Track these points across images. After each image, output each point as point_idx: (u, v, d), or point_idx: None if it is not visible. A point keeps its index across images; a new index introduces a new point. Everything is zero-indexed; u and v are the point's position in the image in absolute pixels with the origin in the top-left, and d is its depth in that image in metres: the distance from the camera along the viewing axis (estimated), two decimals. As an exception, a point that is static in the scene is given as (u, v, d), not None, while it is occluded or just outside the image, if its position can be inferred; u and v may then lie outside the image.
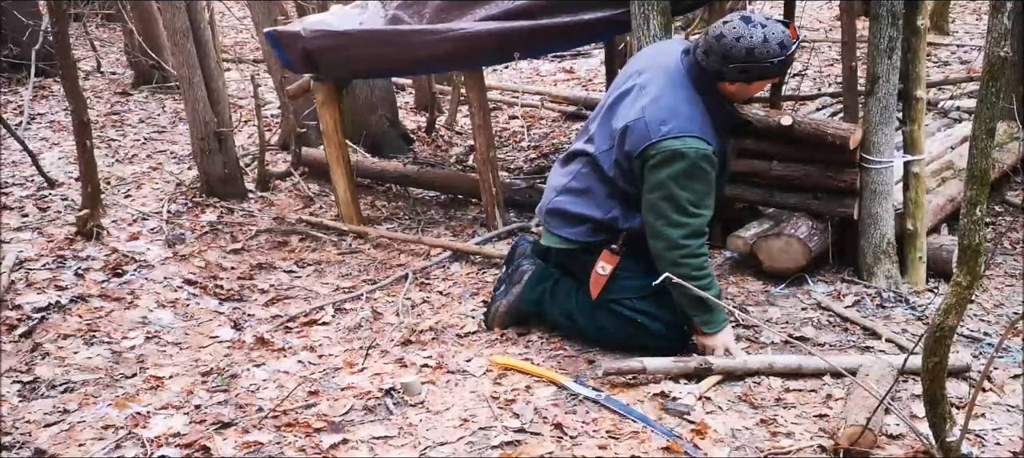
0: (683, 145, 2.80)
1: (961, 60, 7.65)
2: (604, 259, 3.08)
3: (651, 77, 2.96)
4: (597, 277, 3.09)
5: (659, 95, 2.89)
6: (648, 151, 2.83)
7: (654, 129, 2.83)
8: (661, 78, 2.94)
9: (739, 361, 2.92)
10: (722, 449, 2.50)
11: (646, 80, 2.96)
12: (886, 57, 3.39)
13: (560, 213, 3.16)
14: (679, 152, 2.79)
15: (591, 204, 3.08)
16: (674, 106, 2.86)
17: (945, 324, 2.14)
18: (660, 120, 2.83)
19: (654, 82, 2.94)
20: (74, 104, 4.37)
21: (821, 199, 3.64)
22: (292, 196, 5.35)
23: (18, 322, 3.56)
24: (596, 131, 3.08)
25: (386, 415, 2.77)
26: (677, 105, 2.86)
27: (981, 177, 2.09)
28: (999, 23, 2.05)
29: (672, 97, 2.88)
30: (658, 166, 2.83)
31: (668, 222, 2.87)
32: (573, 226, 3.13)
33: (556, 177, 3.23)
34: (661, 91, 2.90)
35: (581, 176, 3.10)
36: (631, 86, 3.00)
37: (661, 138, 2.81)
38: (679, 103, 2.87)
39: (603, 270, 3.08)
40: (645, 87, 2.94)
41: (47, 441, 2.72)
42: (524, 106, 7.20)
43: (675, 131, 2.81)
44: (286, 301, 3.88)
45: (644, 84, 2.96)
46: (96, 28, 10.85)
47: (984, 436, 2.55)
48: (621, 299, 3.06)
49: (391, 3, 4.45)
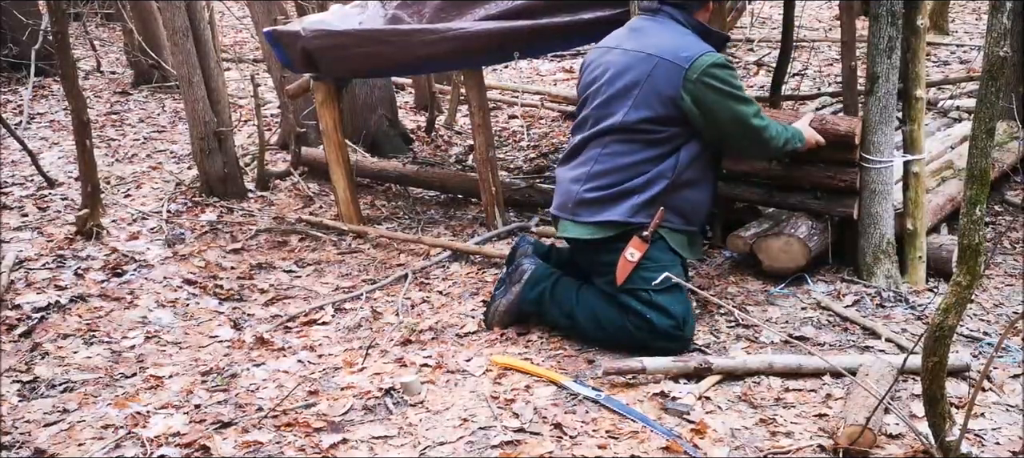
0: (713, 57, 3.05)
1: (961, 59, 7.65)
2: (634, 245, 3.08)
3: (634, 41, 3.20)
4: (625, 263, 3.08)
5: (655, 40, 3.14)
6: (689, 78, 3.02)
7: (679, 60, 3.04)
8: (641, 35, 3.20)
9: (739, 361, 2.92)
10: (722, 449, 2.50)
11: (631, 44, 3.19)
12: (886, 56, 3.39)
13: (590, 202, 3.13)
14: (714, 63, 3.04)
15: (627, 176, 3.09)
16: (674, 39, 3.12)
17: (945, 324, 2.14)
18: (676, 52, 3.06)
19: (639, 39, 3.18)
20: (74, 104, 4.37)
21: (821, 199, 3.64)
22: (292, 196, 5.35)
23: (18, 322, 3.56)
24: (599, 111, 3.18)
25: (386, 415, 2.77)
26: (676, 38, 3.13)
27: (981, 176, 2.09)
28: (998, 22, 2.05)
29: (665, 35, 3.15)
30: (708, 87, 3.03)
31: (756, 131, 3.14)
32: (614, 206, 3.10)
33: (571, 171, 3.23)
34: (652, 38, 3.15)
35: (605, 158, 3.13)
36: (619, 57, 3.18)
37: (690, 62, 3.03)
38: (676, 37, 3.14)
39: (632, 256, 3.08)
40: (636, 46, 3.16)
41: (47, 441, 2.72)
42: (524, 106, 7.20)
43: (695, 51, 3.05)
44: (286, 301, 3.88)
45: (631, 47, 3.18)
46: (96, 27, 10.86)
47: (983, 436, 2.55)
48: (638, 290, 3.06)
49: (391, 3, 4.45)
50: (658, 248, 3.10)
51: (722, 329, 3.29)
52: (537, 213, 4.75)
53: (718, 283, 3.68)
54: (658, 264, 3.06)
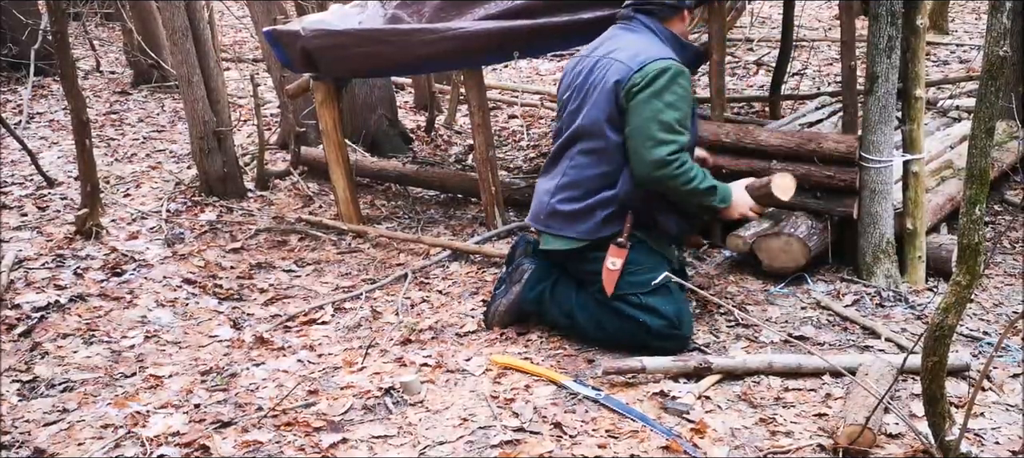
0: (661, 64, 2.98)
1: (960, 59, 7.66)
2: (613, 254, 3.08)
3: (607, 46, 3.18)
4: (608, 273, 3.08)
5: (622, 46, 3.11)
6: (632, 79, 2.98)
7: (633, 64, 3.01)
8: (616, 40, 3.17)
9: (739, 361, 2.92)
10: (721, 448, 2.50)
11: (604, 49, 3.18)
12: (885, 56, 3.39)
13: (561, 214, 3.16)
14: (659, 69, 2.96)
15: (590, 190, 3.10)
16: (636, 45, 3.08)
17: (944, 323, 2.15)
18: (632, 56, 3.03)
19: (612, 45, 3.16)
20: (73, 103, 4.37)
21: (820, 198, 3.64)
22: (291, 195, 5.35)
23: (17, 321, 3.56)
24: (572, 118, 3.19)
25: (385, 414, 2.77)
26: (638, 44, 3.09)
27: (980, 176, 2.09)
28: (998, 22, 2.05)
29: (630, 41, 3.12)
30: (642, 89, 2.97)
31: (654, 142, 2.95)
32: (579, 222, 3.12)
33: (545, 182, 3.27)
34: (619, 43, 3.13)
35: (572, 169, 3.14)
36: (592, 63, 3.17)
37: (640, 66, 2.99)
38: (639, 43, 3.10)
39: (614, 265, 3.08)
40: (608, 52, 3.14)
41: (46, 440, 2.72)
42: (523, 105, 7.20)
43: (650, 57, 3.00)
44: (285, 300, 3.88)
45: (604, 52, 3.16)
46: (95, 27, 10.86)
47: (983, 435, 2.55)
48: (627, 295, 3.06)
49: (390, 2, 4.45)
50: (639, 251, 3.11)
51: (722, 329, 3.29)
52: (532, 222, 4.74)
53: (718, 283, 3.69)
54: (643, 266, 3.07)
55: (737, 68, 7.93)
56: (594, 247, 3.11)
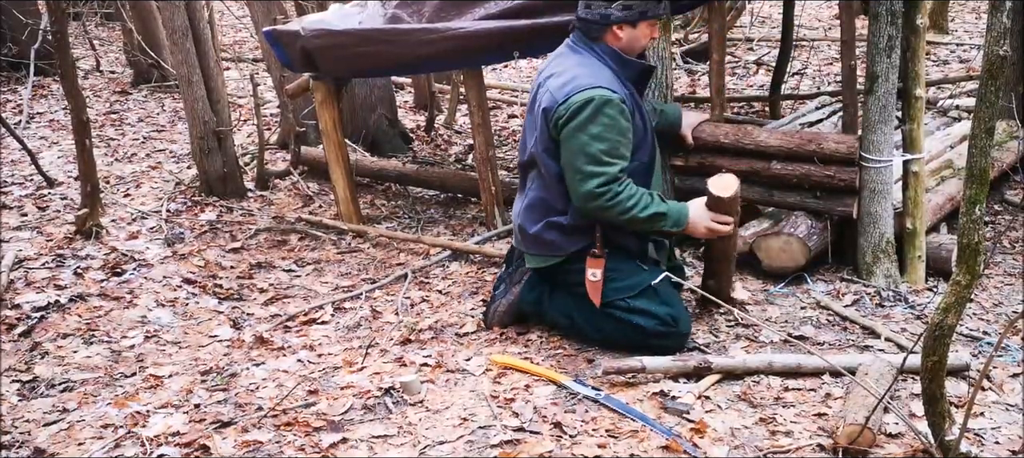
0: (584, 96, 2.91)
1: (960, 59, 7.66)
2: (591, 265, 3.08)
3: (550, 66, 3.14)
4: (591, 285, 3.09)
5: (559, 69, 3.06)
6: (557, 111, 2.94)
7: (559, 95, 2.96)
8: (558, 60, 3.13)
9: (739, 360, 2.92)
10: (721, 448, 2.51)
11: (547, 70, 3.14)
12: (885, 56, 3.39)
13: (529, 237, 3.19)
14: (582, 103, 2.90)
15: (545, 211, 3.11)
16: (571, 71, 3.00)
17: (944, 323, 2.15)
18: (561, 85, 2.98)
19: (553, 65, 3.12)
20: (73, 103, 4.37)
21: (820, 198, 3.64)
22: (291, 195, 5.35)
23: (17, 321, 3.56)
24: (526, 137, 3.18)
25: (385, 414, 2.77)
26: (574, 70, 3.01)
27: (980, 176, 2.09)
28: (998, 22, 2.05)
29: (568, 65, 3.04)
30: (567, 122, 2.93)
31: (583, 175, 2.92)
32: (545, 242, 3.15)
33: (517, 203, 3.30)
34: (559, 67, 3.07)
35: (531, 189, 3.17)
36: (537, 87, 3.14)
37: (566, 97, 2.94)
38: (575, 67, 3.02)
39: (594, 277, 3.08)
40: (546, 72, 3.12)
41: (46, 440, 2.72)
42: (523, 105, 7.18)
43: (576, 87, 2.94)
44: (285, 300, 3.88)
45: (546, 72, 3.12)
46: (95, 27, 10.86)
47: (983, 435, 2.55)
48: (614, 302, 3.06)
49: (390, 2, 4.45)
50: (617, 257, 3.11)
51: (722, 328, 3.29)
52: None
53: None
54: (624, 271, 3.08)
55: (737, 68, 7.93)
56: (570, 260, 3.13)
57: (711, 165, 3.87)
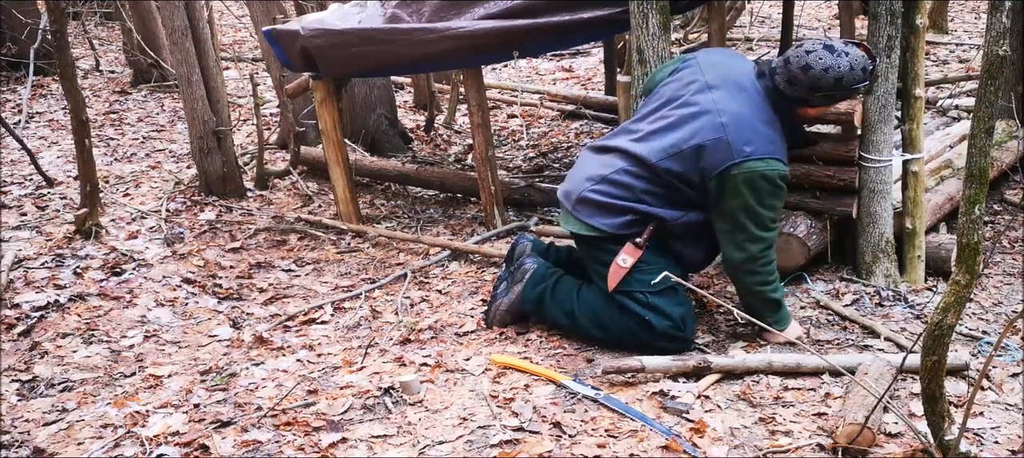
0: (767, 167, 2.91)
1: (960, 58, 7.66)
2: (627, 251, 3.07)
3: (726, 94, 3.01)
4: (617, 268, 3.07)
5: (740, 114, 2.96)
6: (731, 171, 2.90)
7: (738, 150, 2.90)
8: (739, 96, 3.01)
9: (738, 360, 2.92)
10: (721, 448, 2.51)
11: (720, 97, 3.00)
12: (885, 55, 3.39)
13: (594, 203, 3.11)
14: (764, 174, 2.90)
15: (631, 199, 3.06)
16: (755, 127, 2.95)
17: (944, 322, 2.15)
18: (743, 140, 2.91)
19: (732, 100, 2.99)
20: (72, 103, 4.37)
21: (820, 198, 3.64)
22: (291, 195, 5.35)
23: (17, 321, 3.56)
24: (650, 134, 3.07)
25: (385, 414, 2.77)
26: (758, 126, 2.95)
27: (980, 176, 2.09)
28: (998, 21, 2.05)
29: (752, 118, 2.97)
30: (743, 185, 2.91)
31: (750, 237, 2.98)
32: (609, 216, 3.09)
33: (590, 166, 3.19)
34: (741, 110, 2.97)
35: (623, 172, 3.08)
36: (705, 100, 3.01)
37: (746, 158, 2.89)
38: (759, 124, 2.96)
39: (624, 262, 3.07)
40: (720, 104, 2.98)
41: (46, 440, 2.72)
42: (523, 105, 7.19)
43: (759, 153, 2.91)
44: (285, 300, 3.88)
45: (718, 101, 2.99)
46: (95, 27, 10.86)
47: (983, 434, 2.55)
48: (634, 292, 3.05)
49: (390, 2, 4.45)
50: (653, 251, 3.10)
51: (721, 328, 3.29)
52: (536, 212, 4.75)
53: (718, 282, 3.69)
54: (654, 266, 3.05)
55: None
56: (613, 240, 3.11)
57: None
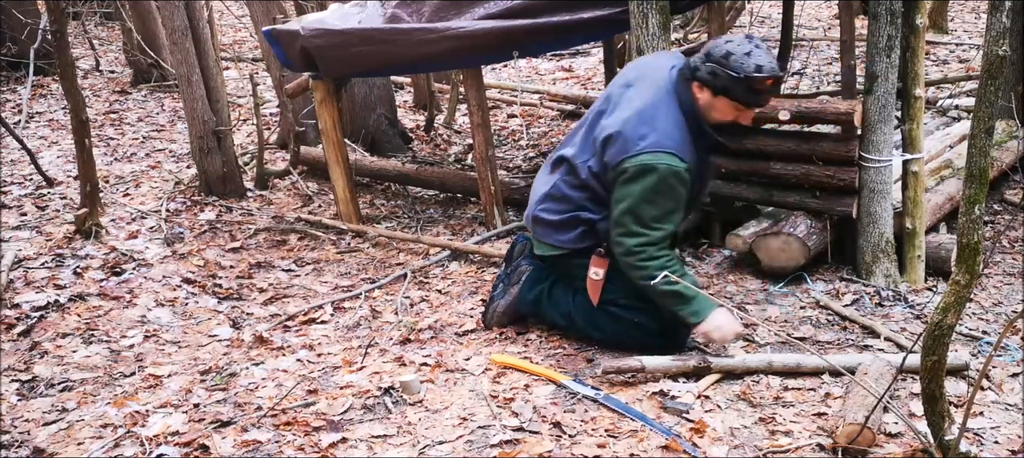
0: (655, 160, 2.82)
1: (959, 58, 7.66)
2: (595, 264, 3.08)
3: (639, 90, 2.99)
4: (593, 282, 3.09)
5: (643, 106, 2.92)
6: (623, 163, 2.86)
7: (633, 143, 2.85)
8: (648, 91, 2.97)
9: (738, 360, 2.92)
10: (721, 448, 2.50)
11: (634, 93, 3.00)
12: (884, 55, 3.39)
13: (545, 222, 3.17)
14: (651, 167, 2.82)
15: (573, 210, 3.09)
16: (654, 119, 2.88)
17: (943, 322, 2.15)
18: (639, 134, 2.86)
19: (640, 95, 2.97)
20: (72, 102, 4.37)
21: (820, 198, 3.64)
22: (291, 195, 5.35)
23: (17, 321, 3.56)
24: (580, 139, 3.12)
25: (385, 414, 2.77)
26: (657, 118, 2.88)
27: (979, 176, 2.09)
28: (998, 21, 2.05)
29: (653, 110, 2.90)
30: (630, 179, 2.85)
31: (626, 232, 2.90)
32: (560, 233, 3.13)
33: (539, 184, 3.25)
34: (644, 102, 2.93)
35: (561, 183, 3.12)
36: (618, 98, 3.03)
37: (638, 152, 2.83)
38: (660, 116, 2.88)
39: (596, 275, 3.08)
40: (632, 99, 2.97)
41: (46, 440, 2.72)
42: (523, 105, 7.20)
43: (651, 145, 2.83)
44: (285, 300, 3.87)
45: (631, 96, 2.99)
46: (95, 26, 10.86)
47: (982, 434, 2.55)
48: (617, 300, 3.07)
49: (390, 2, 4.45)
50: None
51: (721, 328, 3.29)
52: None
53: (717, 282, 3.69)
54: None
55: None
56: (576, 255, 3.12)
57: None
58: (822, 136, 3.71)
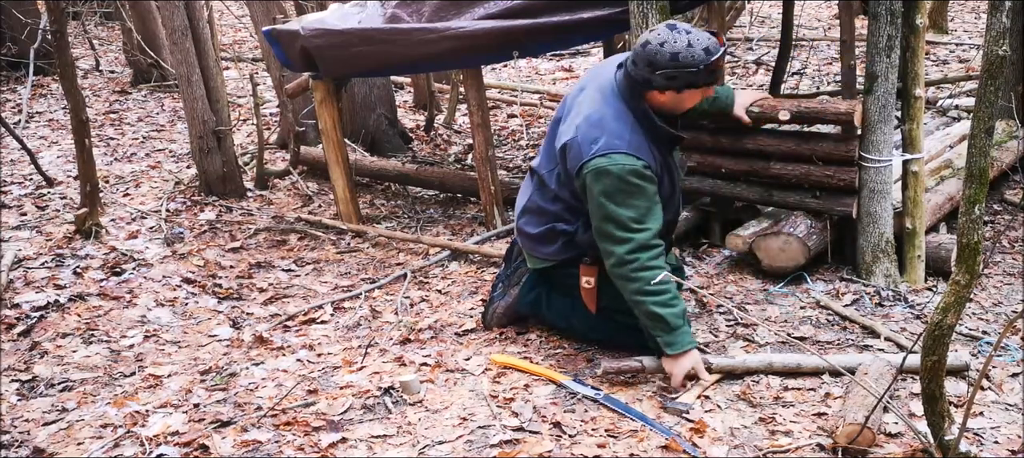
0: (609, 162, 2.78)
1: (959, 58, 7.66)
2: (585, 273, 3.07)
3: (588, 95, 2.98)
4: (586, 292, 3.08)
5: (591, 112, 2.89)
6: (582, 170, 2.84)
7: (586, 148, 2.83)
8: (596, 96, 2.95)
9: (739, 360, 2.91)
10: (721, 448, 2.50)
11: (584, 98, 2.98)
12: (885, 55, 3.39)
13: (527, 235, 3.17)
14: (605, 170, 2.79)
15: (551, 221, 3.09)
16: (602, 122, 2.85)
17: (943, 322, 2.15)
18: (591, 138, 2.83)
19: (589, 100, 2.95)
20: (72, 102, 4.37)
21: (820, 198, 3.64)
22: (291, 195, 5.35)
23: (17, 321, 3.56)
24: (543, 150, 3.14)
25: (385, 414, 2.77)
26: (606, 121, 2.86)
27: (979, 175, 2.09)
28: (998, 21, 2.05)
29: (601, 113, 2.88)
30: (591, 185, 2.83)
31: (612, 240, 2.84)
32: (543, 246, 3.14)
33: (520, 196, 3.26)
34: (593, 108, 2.90)
35: (535, 196, 3.14)
36: (572, 104, 3.03)
37: (591, 157, 2.81)
38: (608, 119, 2.86)
39: (588, 283, 3.07)
40: (582, 105, 2.96)
41: (46, 439, 2.72)
42: (523, 105, 7.20)
43: (603, 148, 2.80)
44: (285, 300, 3.87)
45: (581, 102, 2.97)
46: (94, 26, 10.86)
47: (982, 434, 2.55)
48: (614, 306, 3.05)
49: (390, 2, 4.45)
50: None
51: (721, 328, 3.29)
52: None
53: (717, 282, 3.69)
54: None
55: (737, 67, 7.93)
56: (564, 265, 3.12)
57: (710, 164, 3.88)
58: (822, 136, 3.70)
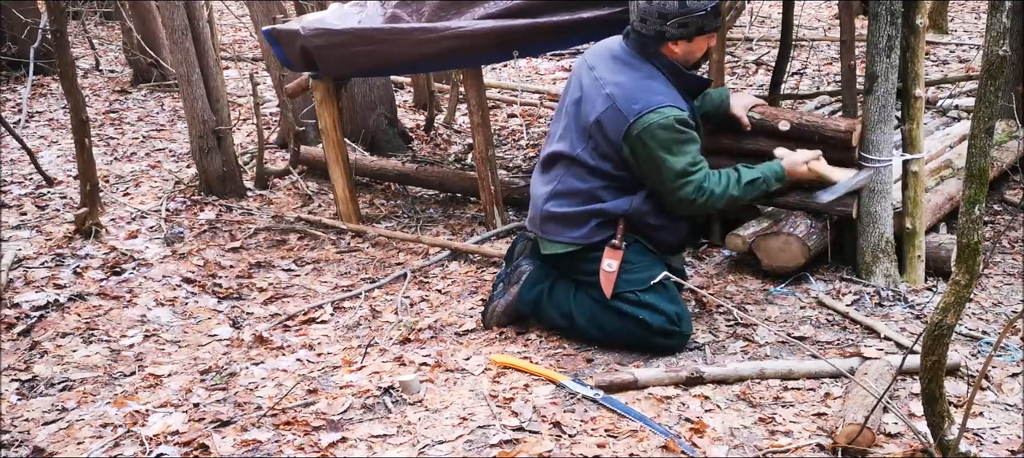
0: (660, 117, 2.94)
1: (960, 58, 7.66)
2: (609, 255, 3.09)
3: (605, 68, 3.09)
4: (606, 275, 3.09)
5: (620, 79, 3.03)
6: (631, 132, 2.95)
7: (629, 112, 2.95)
8: (614, 65, 3.09)
9: (731, 368, 2.91)
10: (720, 448, 2.51)
11: (600, 72, 3.09)
12: (884, 55, 3.39)
13: (557, 217, 3.16)
14: (657, 124, 2.94)
15: (587, 201, 3.09)
16: (636, 84, 3.01)
17: (943, 322, 2.15)
18: (630, 101, 2.97)
19: (608, 70, 3.08)
20: (72, 102, 4.37)
21: (820, 198, 3.64)
22: (290, 194, 5.35)
23: (17, 320, 3.56)
24: (566, 132, 3.17)
25: (385, 413, 2.77)
26: (639, 82, 3.01)
27: (979, 176, 2.09)
28: (998, 21, 2.05)
29: (630, 76, 3.04)
30: (647, 142, 2.94)
31: (677, 187, 3.01)
32: (574, 228, 3.13)
33: (539, 185, 3.26)
34: (619, 76, 3.05)
35: (565, 178, 3.14)
36: (588, 82, 3.11)
37: (638, 116, 2.94)
38: (640, 79, 3.02)
39: (610, 267, 3.08)
40: (602, 78, 3.07)
41: (45, 439, 2.72)
42: (523, 104, 7.19)
43: (646, 105, 2.95)
44: (285, 299, 3.88)
45: (599, 76, 3.08)
46: (94, 26, 10.86)
47: (982, 435, 2.55)
48: (624, 294, 3.06)
49: (390, 2, 4.45)
50: (634, 250, 3.12)
51: (721, 328, 3.29)
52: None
53: (717, 282, 3.69)
54: (638, 264, 3.09)
55: (737, 67, 7.93)
56: (590, 249, 3.12)
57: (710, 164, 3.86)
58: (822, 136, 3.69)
